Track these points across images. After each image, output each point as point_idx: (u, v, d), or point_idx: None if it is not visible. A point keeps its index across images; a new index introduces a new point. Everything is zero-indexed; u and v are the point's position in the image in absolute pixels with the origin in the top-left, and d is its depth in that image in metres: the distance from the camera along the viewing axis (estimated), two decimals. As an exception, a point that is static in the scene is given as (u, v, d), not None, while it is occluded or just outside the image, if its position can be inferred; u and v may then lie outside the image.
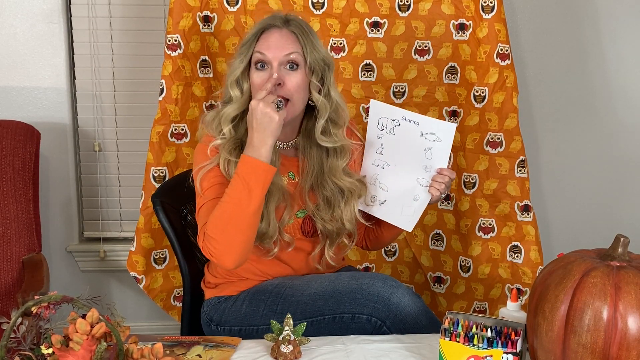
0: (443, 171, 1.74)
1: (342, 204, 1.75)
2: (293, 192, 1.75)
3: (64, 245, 2.57)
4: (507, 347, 1.32)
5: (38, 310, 1.17)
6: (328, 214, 1.75)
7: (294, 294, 1.70)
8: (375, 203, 1.82)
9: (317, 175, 1.76)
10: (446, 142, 1.72)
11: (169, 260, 2.29)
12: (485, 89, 2.23)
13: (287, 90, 1.65)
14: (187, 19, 2.16)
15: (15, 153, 2.19)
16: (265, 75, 1.65)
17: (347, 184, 1.76)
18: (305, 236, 1.77)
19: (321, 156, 1.76)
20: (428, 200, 1.76)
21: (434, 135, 1.73)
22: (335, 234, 1.76)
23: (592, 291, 1.20)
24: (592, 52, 2.54)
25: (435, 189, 1.74)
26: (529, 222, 2.26)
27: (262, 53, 1.66)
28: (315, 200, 1.76)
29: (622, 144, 2.60)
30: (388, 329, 1.63)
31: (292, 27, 1.68)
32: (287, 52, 1.65)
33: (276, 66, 1.65)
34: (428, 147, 1.74)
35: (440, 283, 2.39)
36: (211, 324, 1.78)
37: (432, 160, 1.74)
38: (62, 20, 2.43)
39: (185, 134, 2.23)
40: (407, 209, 1.78)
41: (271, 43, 1.66)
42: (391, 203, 1.79)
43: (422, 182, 1.77)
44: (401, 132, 1.77)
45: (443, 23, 2.23)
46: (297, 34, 1.68)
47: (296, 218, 1.75)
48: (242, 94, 1.68)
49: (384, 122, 1.79)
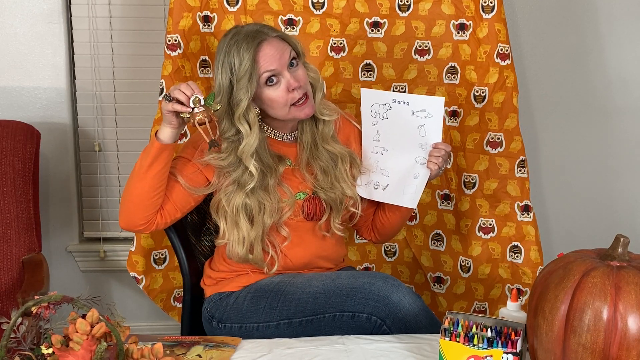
0: (438, 145, 1.79)
1: (336, 170, 1.82)
2: (290, 177, 1.80)
3: (64, 245, 2.57)
4: (507, 347, 1.32)
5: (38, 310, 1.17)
6: (327, 182, 1.81)
7: (295, 292, 1.70)
8: (378, 189, 1.86)
9: (311, 149, 1.82)
10: (437, 117, 1.77)
11: (169, 261, 2.29)
12: (486, 89, 2.23)
13: (302, 88, 1.73)
14: (187, 19, 2.16)
15: (15, 153, 2.19)
16: (284, 88, 1.71)
17: (338, 149, 1.84)
18: (306, 219, 1.81)
19: (312, 129, 1.84)
20: (428, 175, 1.81)
21: (425, 112, 1.77)
22: (338, 201, 1.81)
23: (592, 291, 1.20)
24: (592, 52, 2.54)
25: (432, 163, 1.79)
26: (529, 222, 2.26)
27: (271, 70, 1.70)
28: (313, 172, 1.82)
29: (622, 144, 2.60)
30: (388, 328, 1.63)
31: (268, 31, 1.73)
32: (287, 55, 1.72)
33: (287, 73, 1.71)
34: (421, 125, 1.78)
35: (440, 283, 2.39)
36: (212, 321, 1.79)
37: (427, 137, 1.79)
38: (62, 20, 2.43)
39: (185, 134, 2.23)
40: (409, 188, 1.83)
41: (272, 56, 1.70)
42: (393, 186, 1.84)
43: (419, 160, 1.81)
44: (393, 114, 1.81)
45: (443, 23, 2.23)
46: (281, 36, 1.75)
47: (296, 200, 1.78)
48: (251, 128, 1.72)
49: (376, 109, 1.84)
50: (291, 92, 1.71)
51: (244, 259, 1.75)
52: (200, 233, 2.01)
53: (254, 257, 1.74)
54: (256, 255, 1.74)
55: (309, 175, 1.82)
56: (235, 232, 1.73)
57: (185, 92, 1.60)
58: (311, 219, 1.81)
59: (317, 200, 1.81)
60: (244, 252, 1.73)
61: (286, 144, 1.84)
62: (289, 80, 1.70)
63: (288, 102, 1.72)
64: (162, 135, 1.66)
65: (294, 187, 1.80)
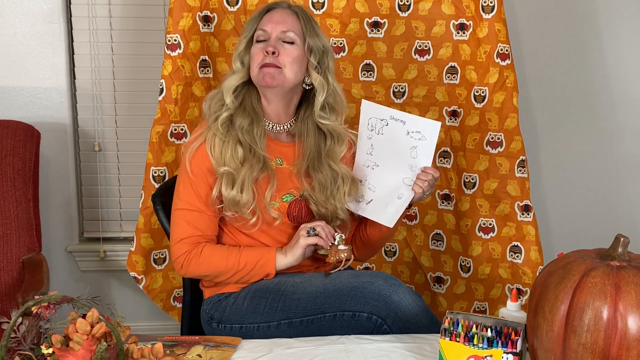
0: (427, 169, 1.76)
1: (335, 189, 1.80)
2: (279, 176, 1.77)
3: (64, 245, 2.57)
4: (507, 347, 1.32)
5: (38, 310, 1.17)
6: (322, 197, 1.79)
7: (295, 292, 1.70)
8: (362, 202, 1.83)
9: (313, 159, 1.80)
10: (431, 140, 1.74)
11: (168, 261, 2.29)
12: (486, 89, 2.23)
13: (280, 59, 1.73)
14: (187, 19, 2.16)
15: (15, 153, 2.19)
16: (262, 47, 1.74)
17: (344, 170, 1.81)
18: (291, 221, 1.79)
19: (319, 141, 1.82)
20: (411, 198, 1.77)
21: (420, 134, 1.74)
22: (329, 217, 1.80)
23: (592, 291, 1.20)
24: (592, 52, 2.54)
25: (417, 186, 1.76)
26: (529, 222, 2.26)
27: (263, 29, 1.76)
28: (310, 183, 1.80)
29: (622, 144, 2.60)
30: (388, 328, 1.63)
31: (294, 9, 1.79)
32: (285, 28, 1.75)
33: (274, 38, 1.74)
34: (413, 146, 1.76)
35: (441, 283, 2.39)
36: (212, 322, 1.78)
37: (417, 159, 1.76)
38: (62, 20, 2.43)
39: (185, 134, 2.23)
40: (390, 207, 1.79)
41: (272, 19, 1.76)
42: (377, 202, 1.81)
43: (406, 181, 1.78)
44: (389, 131, 1.78)
45: (443, 23, 2.23)
46: (299, 14, 1.78)
47: (282, 201, 1.77)
48: (242, 66, 1.78)
49: (373, 123, 1.81)
50: (265, 55, 1.74)
51: (234, 200, 1.71)
52: (200, 233, 2.01)
53: (243, 198, 1.70)
54: (245, 196, 1.70)
55: (307, 185, 1.79)
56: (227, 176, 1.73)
57: (328, 231, 1.73)
58: (297, 222, 1.80)
59: (304, 203, 1.80)
60: (234, 193, 1.70)
61: (284, 144, 1.83)
62: (268, 44, 1.74)
63: (260, 63, 1.74)
64: (281, 264, 1.74)
65: (284, 187, 1.78)
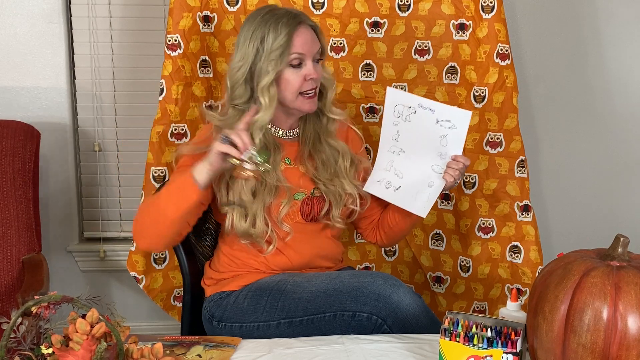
0: (458, 158, 1.78)
1: (337, 165, 1.83)
2: (289, 177, 1.79)
3: (64, 245, 2.57)
4: (507, 347, 1.32)
5: (38, 310, 1.17)
6: (327, 174, 1.82)
7: (295, 291, 1.71)
8: (390, 189, 1.85)
9: (314, 141, 1.84)
10: (462, 129, 1.76)
11: (168, 260, 2.29)
12: (485, 89, 2.23)
13: (318, 81, 1.77)
14: (187, 19, 2.16)
15: (15, 153, 2.19)
16: (302, 74, 1.73)
17: (341, 144, 1.85)
18: (305, 220, 1.80)
19: (316, 123, 1.85)
20: (442, 186, 1.80)
21: (450, 123, 1.76)
22: (337, 195, 1.81)
23: (592, 291, 1.20)
24: (592, 52, 2.54)
25: (449, 175, 1.78)
26: (529, 222, 2.26)
27: (301, 53, 1.73)
28: (314, 163, 1.83)
29: (622, 144, 2.60)
30: (388, 328, 1.63)
31: (306, 19, 1.78)
32: (316, 48, 1.76)
33: (312, 62, 1.75)
34: (443, 134, 1.78)
35: (440, 283, 2.39)
36: (213, 320, 1.79)
37: (447, 147, 1.78)
38: (62, 20, 2.43)
39: (185, 134, 2.23)
40: (421, 195, 1.81)
41: (306, 41, 1.74)
42: (405, 189, 1.83)
43: (436, 168, 1.80)
44: (417, 119, 1.81)
45: (443, 23, 2.23)
46: (315, 25, 1.79)
47: (294, 200, 1.78)
48: (272, 101, 1.73)
49: (400, 110, 1.83)
50: (307, 81, 1.74)
51: (247, 233, 1.73)
52: (200, 233, 2.01)
53: (256, 231, 1.72)
54: (258, 229, 1.72)
55: (310, 167, 1.82)
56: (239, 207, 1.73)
57: (244, 140, 1.58)
58: (310, 219, 1.81)
59: (316, 200, 1.81)
60: (246, 226, 1.72)
61: (287, 141, 1.84)
62: (310, 69, 1.73)
63: (299, 89, 1.74)
64: (200, 177, 1.63)
65: (295, 187, 1.80)
